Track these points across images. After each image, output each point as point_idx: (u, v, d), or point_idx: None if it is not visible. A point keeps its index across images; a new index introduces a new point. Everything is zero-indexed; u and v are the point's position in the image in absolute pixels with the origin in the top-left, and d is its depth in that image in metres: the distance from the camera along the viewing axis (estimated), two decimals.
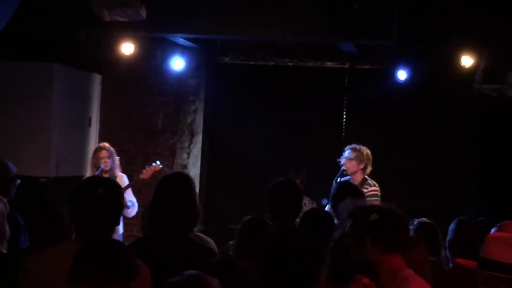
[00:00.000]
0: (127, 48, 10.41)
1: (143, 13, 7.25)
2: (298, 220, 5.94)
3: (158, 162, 9.43)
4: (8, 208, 5.63)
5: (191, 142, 11.62)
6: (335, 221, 6.15)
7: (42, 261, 3.76)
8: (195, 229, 5.06)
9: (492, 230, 5.04)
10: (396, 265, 3.91)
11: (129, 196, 9.34)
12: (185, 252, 4.63)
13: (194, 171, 11.60)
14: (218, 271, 3.78)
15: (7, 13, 7.05)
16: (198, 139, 11.67)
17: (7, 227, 5.48)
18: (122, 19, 7.17)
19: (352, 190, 6.40)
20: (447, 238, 5.89)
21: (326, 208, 7.42)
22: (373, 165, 8.76)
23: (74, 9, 9.04)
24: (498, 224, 5.09)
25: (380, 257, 3.89)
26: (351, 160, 8.63)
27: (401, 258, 3.94)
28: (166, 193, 4.92)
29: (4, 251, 5.39)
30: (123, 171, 9.78)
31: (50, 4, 9.29)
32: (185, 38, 10.29)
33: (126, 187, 9.24)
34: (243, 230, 5.09)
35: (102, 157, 9.38)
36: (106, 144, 9.70)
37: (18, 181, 7.49)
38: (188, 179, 5.10)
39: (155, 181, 9.36)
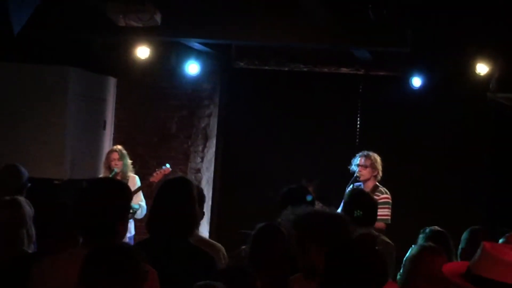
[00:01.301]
0: (143, 52, 10.46)
1: (158, 18, 7.28)
2: None
3: (168, 165, 9.44)
4: (33, 211, 5.68)
5: (205, 146, 11.64)
6: None
7: (51, 268, 3.76)
8: (198, 232, 5.10)
9: (500, 241, 5.03)
10: None
11: (139, 199, 9.39)
12: (182, 256, 4.66)
13: (207, 175, 11.64)
14: (229, 278, 3.79)
15: (23, 17, 7.08)
16: (212, 143, 11.70)
17: (33, 230, 5.53)
18: (137, 25, 7.19)
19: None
20: (460, 247, 5.90)
21: None
22: (385, 172, 8.78)
23: (90, 13, 9.08)
24: (506, 235, 5.09)
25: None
26: (366, 167, 8.65)
27: None
28: (164, 197, 4.96)
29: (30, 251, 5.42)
30: (137, 175, 9.82)
31: (66, 8, 9.33)
32: (200, 43, 10.32)
33: (137, 190, 9.27)
34: (256, 237, 5.08)
35: (113, 159, 9.45)
36: (118, 147, 9.76)
37: (28, 184, 7.58)
38: (186, 183, 5.09)
39: None
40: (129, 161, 9.60)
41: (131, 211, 9.15)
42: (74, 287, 3.10)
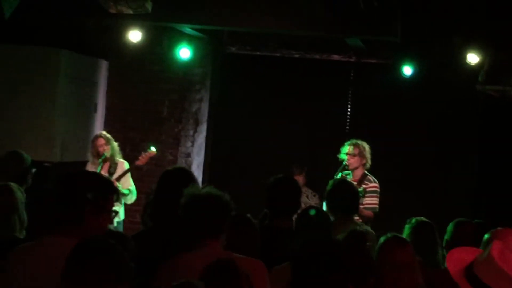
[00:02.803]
0: (134, 36, 10.44)
1: (149, 6, 7.29)
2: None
3: (152, 148, 9.49)
4: (24, 197, 5.73)
5: (195, 130, 11.66)
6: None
7: (25, 254, 3.83)
8: None
9: (486, 236, 5.07)
10: None
11: (128, 184, 9.41)
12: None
13: (197, 159, 11.67)
14: (215, 272, 3.80)
15: (13, 1, 7.09)
16: (203, 128, 11.72)
17: (25, 215, 5.57)
18: (127, 12, 7.19)
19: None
20: (445, 238, 5.97)
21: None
22: (374, 160, 8.82)
23: None
24: (492, 230, 5.13)
25: None
26: (354, 156, 8.69)
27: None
28: (166, 188, 4.98)
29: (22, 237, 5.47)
30: (127, 158, 9.85)
31: None
32: (192, 28, 10.32)
33: (124, 173, 9.32)
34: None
35: (99, 145, 9.45)
36: (103, 132, 9.78)
37: (34, 170, 7.61)
38: (189, 175, 5.16)
39: (159, 168, 9.57)
40: (116, 144, 9.61)
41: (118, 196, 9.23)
42: (53, 279, 3.11)
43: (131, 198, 9.47)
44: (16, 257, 3.86)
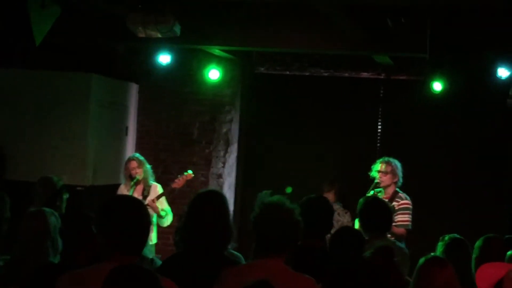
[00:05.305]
0: (164, 58, 10.56)
1: (177, 29, 7.32)
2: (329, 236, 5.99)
3: (190, 171, 9.46)
4: (59, 222, 5.75)
5: (226, 151, 11.68)
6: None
7: (73, 282, 3.81)
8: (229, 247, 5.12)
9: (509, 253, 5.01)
10: None
11: (163, 205, 9.41)
12: (218, 271, 4.66)
13: (229, 180, 11.68)
14: None
15: (44, 27, 7.18)
16: (234, 148, 11.75)
17: (59, 241, 5.59)
18: (156, 36, 7.25)
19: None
20: (473, 256, 5.87)
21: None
22: (406, 178, 8.78)
23: (112, 20, 9.14)
24: None
25: None
26: (386, 173, 8.64)
27: None
28: (198, 211, 4.96)
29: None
30: (159, 180, 9.85)
31: (88, 15, 9.41)
32: (220, 50, 10.37)
33: (159, 196, 9.31)
34: None
35: (132, 167, 9.43)
36: (136, 154, 9.79)
37: (67, 195, 7.66)
38: (221, 198, 5.14)
39: (190, 190, 9.57)
40: (149, 166, 9.62)
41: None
42: None
43: (167, 221, 9.46)
44: (69, 282, 3.85)
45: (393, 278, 3.96)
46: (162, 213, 9.31)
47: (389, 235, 7.10)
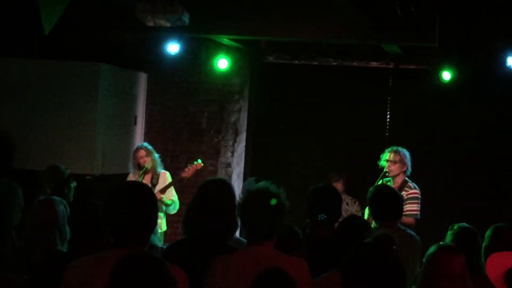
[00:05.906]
0: (172, 48, 10.56)
1: (186, 18, 7.32)
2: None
3: (199, 161, 9.50)
4: (68, 211, 5.76)
5: (235, 141, 11.69)
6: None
7: (83, 270, 3.81)
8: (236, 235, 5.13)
9: None
10: None
11: (171, 194, 9.44)
12: None
13: (238, 169, 11.69)
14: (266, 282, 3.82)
15: (53, 17, 7.16)
16: (242, 137, 11.75)
17: (67, 229, 5.61)
18: (165, 25, 7.25)
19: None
20: (483, 245, 5.87)
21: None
22: (415, 167, 8.77)
23: (120, 10, 9.15)
24: None
25: None
26: (395, 162, 8.63)
27: None
28: (204, 199, 4.98)
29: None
30: (167, 170, 9.87)
31: (97, 5, 9.41)
32: (229, 39, 10.36)
33: (168, 186, 9.34)
34: None
35: (140, 156, 9.48)
36: (144, 144, 9.83)
37: (74, 183, 7.68)
38: (228, 185, 5.15)
39: (199, 179, 9.59)
40: (157, 155, 9.64)
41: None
42: None
43: (174, 209, 9.51)
44: (78, 270, 3.85)
45: (391, 267, 3.95)
46: (169, 202, 9.36)
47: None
